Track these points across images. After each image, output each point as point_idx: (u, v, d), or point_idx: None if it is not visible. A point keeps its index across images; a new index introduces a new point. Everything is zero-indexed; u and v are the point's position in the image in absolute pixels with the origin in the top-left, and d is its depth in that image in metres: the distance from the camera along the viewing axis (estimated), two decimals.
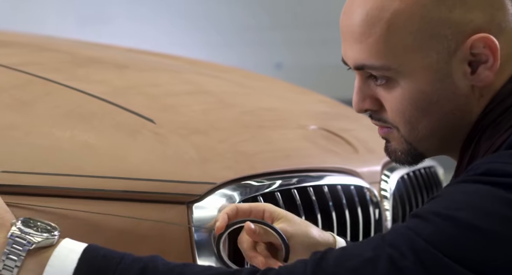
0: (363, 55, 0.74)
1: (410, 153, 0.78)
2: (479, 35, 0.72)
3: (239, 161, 0.96)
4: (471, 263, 0.65)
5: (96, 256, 0.68)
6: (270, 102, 1.24)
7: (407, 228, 0.69)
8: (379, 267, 0.67)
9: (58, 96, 1.01)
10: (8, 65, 1.07)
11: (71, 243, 0.69)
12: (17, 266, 0.66)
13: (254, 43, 3.85)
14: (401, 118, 0.76)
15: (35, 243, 0.66)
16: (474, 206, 0.67)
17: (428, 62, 0.73)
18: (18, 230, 0.67)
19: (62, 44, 1.39)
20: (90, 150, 0.89)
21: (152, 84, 1.14)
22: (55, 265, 0.67)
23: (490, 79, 0.73)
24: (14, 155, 0.84)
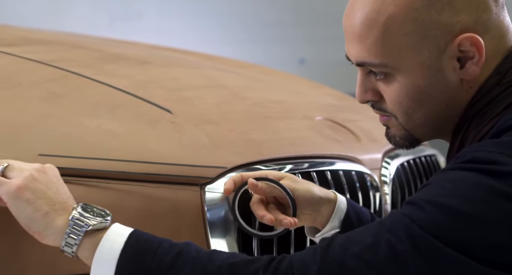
0: (363, 54, 0.80)
1: (407, 138, 0.84)
2: (465, 35, 0.77)
3: (248, 147, 1.00)
4: (459, 245, 0.70)
5: (139, 240, 0.74)
6: (280, 95, 1.28)
7: (403, 214, 0.73)
8: (379, 251, 0.71)
9: (87, 89, 1.06)
10: (44, 62, 1.12)
11: (120, 228, 0.76)
12: (76, 244, 0.74)
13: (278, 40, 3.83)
14: (398, 108, 0.82)
15: (91, 225, 0.74)
16: (460, 193, 0.71)
17: (421, 59, 0.78)
18: (78, 214, 0.75)
19: (92, 42, 1.43)
20: (114, 137, 0.93)
21: (171, 78, 1.18)
22: (105, 246, 0.74)
23: (476, 73, 0.79)
24: (48, 141, 0.88)
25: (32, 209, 0.75)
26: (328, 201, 0.90)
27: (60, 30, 2.23)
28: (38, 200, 0.75)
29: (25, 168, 0.77)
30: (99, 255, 0.73)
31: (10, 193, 0.75)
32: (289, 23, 3.83)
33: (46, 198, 0.76)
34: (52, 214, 0.75)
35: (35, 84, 1.03)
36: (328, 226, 0.90)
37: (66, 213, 0.75)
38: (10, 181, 0.76)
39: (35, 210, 0.75)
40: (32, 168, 0.77)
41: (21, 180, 0.75)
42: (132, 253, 0.73)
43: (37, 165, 0.79)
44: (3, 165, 0.77)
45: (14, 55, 1.12)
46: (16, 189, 0.75)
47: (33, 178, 0.76)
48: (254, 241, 0.94)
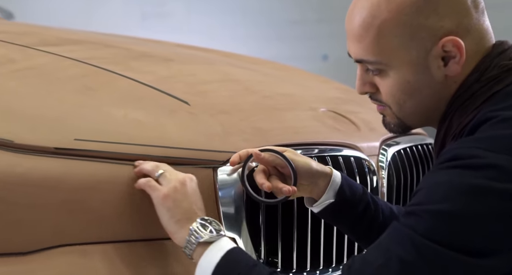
0: (361, 52, 0.89)
1: (400, 125, 0.93)
2: (448, 38, 0.85)
3: (256, 135, 1.08)
4: (459, 245, 0.76)
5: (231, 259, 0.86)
6: (288, 89, 1.36)
7: (405, 227, 0.79)
8: (392, 268, 0.77)
9: (115, 83, 1.12)
10: (79, 59, 1.19)
11: (223, 244, 0.87)
12: (191, 250, 0.88)
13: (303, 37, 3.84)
14: (392, 100, 0.91)
15: (202, 238, 0.87)
16: (450, 196, 0.77)
17: (410, 58, 0.87)
18: (196, 227, 0.88)
19: (121, 42, 1.50)
20: (139, 124, 1.00)
21: (190, 74, 1.25)
22: (208, 256, 0.87)
23: (458, 71, 0.87)
24: (83, 127, 0.95)
25: (169, 215, 0.89)
26: (324, 174, 0.99)
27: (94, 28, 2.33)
28: (175, 209, 0.89)
29: (172, 179, 0.91)
30: (201, 263, 0.87)
31: (158, 199, 0.90)
32: (313, 20, 3.86)
33: (181, 207, 0.90)
34: (182, 222, 0.89)
35: (72, 79, 1.10)
36: (324, 197, 0.99)
37: (190, 223, 0.89)
38: (160, 188, 0.90)
39: (171, 217, 0.89)
40: (177, 180, 0.91)
41: (167, 190, 0.90)
42: (223, 268, 0.85)
43: (181, 177, 0.92)
44: (159, 172, 0.91)
45: (55, 54, 1.19)
46: (162, 197, 0.90)
47: (175, 189, 0.90)
48: (261, 210, 1.02)
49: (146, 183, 0.92)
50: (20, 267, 0.85)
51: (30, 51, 1.18)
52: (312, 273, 1.09)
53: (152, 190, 0.91)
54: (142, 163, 0.94)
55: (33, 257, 0.86)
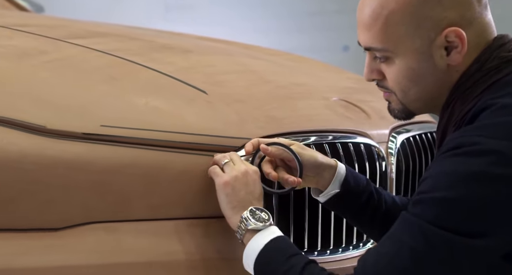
0: (370, 40, 0.94)
1: (404, 111, 0.98)
2: (451, 28, 0.89)
3: (269, 122, 1.11)
4: (465, 229, 0.80)
5: (274, 246, 0.92)
6: (302, 79, 1.38)
7: (414, 216, 0.83)
8: (404, 257, 0.81)
9: (138, 73, 1.16)
10: (105, 51, 1.23)
11: (269, 232, 0.93)
12: (241, 235, 0.95)
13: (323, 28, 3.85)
14: (397, 86, 0.95)
15: (250, 226, 0.94)
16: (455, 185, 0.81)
17: (415, 46, 0.91)
18: (246, 216, 0.95)
19: (144, 34, 1.54)
20: (159, 112, 1.04)
21: (208, 65, 1.29)
22: (252, 244, 0.93)
23: (460, 60, 0.91)
24: (108, 114, 1.00)
25: (227, 201, 0.97)
26: (329, 166, 1.04)
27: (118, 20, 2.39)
28: (233, 196, 0.96)
29: (235, 168, 0.98)
30: (248, 248, 0.94)
31: (219, 185, 0.98)
32: (333, 11, 3.86)
33: (238, 196, 0.96)
34: (236, 209, 0.96)
35: (98, 69, 1.15)
36: (330, 188, 1.04)
37: (243, 211, 0.95)
38: (223, 175, 0.98)
39: (228, 203, 0.96)
40: (239, 169, 0.98)
41: (228, 177, 0.97)
42: (265, 255, 0.92)
43: (244, 168, 0.98)
44: (224, 161, 0.99)
45: (83, 46, 1.24)
46: (223, 183, 0.97)
47: (236, 178, 0.97)
48: (273, 199, 1.06)
49: (212, 169, 0.99)
50: (53, 242, 0.92)
51: (60, 43, 1.24)
52: (323, 252, 1.14)
53: (215, 175, 0.98)
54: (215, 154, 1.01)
55: (64, 233, 0.93)
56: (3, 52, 1.13)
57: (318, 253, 1.13)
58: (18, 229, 0.91)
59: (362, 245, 1.19)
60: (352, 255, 1.16)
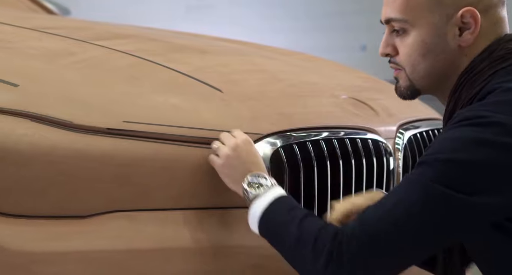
0: (392, 11, 1.00)
1: (410, 87, 1.02)
2: (468, 8, 0.96)
3: (280, 119, 1.15)
4: (465, 188, 0.85)
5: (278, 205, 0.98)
6: (313, 78, 1.41)
7: (416, 174, 0.88)
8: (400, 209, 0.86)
9: (157, 73, 1.21)
10: (126, 51, 1.28)
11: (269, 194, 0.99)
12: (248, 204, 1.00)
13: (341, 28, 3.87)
14: (407, 59, 1.00)
15: (252, 194, 1.00)
16: (458, 148, 0.87)
17: (433, 20, 0.97)
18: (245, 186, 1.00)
19: (163, 35, 1.59)
20: (177, 109, 1.09)
21: (223, 64, 1.34)
22: (255, 207, 0.99)
23: (470, 41, 0.97)
24: (129, 111, 1.05)
25: (230, 180, 1.04)
26: None
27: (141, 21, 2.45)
28: (232, 173, 1.03)
29: (224, 148, 1.03)
30: (252, 211, 0.99)
31: (218, 169, 1.04)
32: (351, 11, 3.88)
33: (237, 171, 1.03)
34: (238, 182, 1.02)
35: (119, 69, 1.19)
36: None
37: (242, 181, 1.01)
38: (217, 159, 1.04)
39: (231, 181, 1.03)
40: (229, 147, 1.03)
41: (222, 160, 1.03)
42: (268, 213, 0.97)
43: (233, 143, 1.03)
44: (214, 147, 1.04)
45: (106, 47, 1.29)
46: (220, 166, 1.04)
47: (228, 156, 1.03)
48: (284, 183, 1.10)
49: (210, 159, 1.05)
50: (79, 228, 0.99)
51: (86, 45, 1.30)
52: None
53: (212, 163, 1.05)
54: None
55: (89, 220, 0.99)
56: (35, 53, 1.20)
57: None
58: (48, 216, 0.98)
59: None
60: None
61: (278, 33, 4.03)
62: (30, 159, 0.96)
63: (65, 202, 0.99)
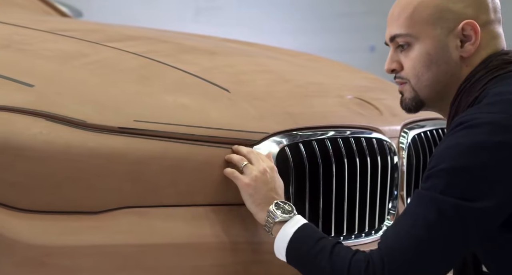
0: (397, 28, 1.05)
1: (415, 99, 1.07)
2: (469, 21, 1.01)
3: (286, 119, 1.17)
4: (470, 194, 0.90)
5: (303, 234, 1.00)
6: (319, 78, 1.44)
7: (425, 190, 0.93)
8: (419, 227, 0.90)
9: (167, 73, 1.24)
10: (137, 53, 1.31)
11: (296, 221, 1.01)
12: (270, 227, 1.03)
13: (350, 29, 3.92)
14: (412, 72, 1.05)
15: (278, 218, 1.03)
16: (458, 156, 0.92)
17: (435, 33, 1.03)
18: (272, 209, 1.03)
19: (172, 37, 1.61)
20: (186, 109, 1.11)
21: (231, 65, 1.37)
22: (282, 233, 1.02)
23: (471, 52, 1.02)
24: (140, 110, 1.07)
25: (251, 200, 1.05)
26: None
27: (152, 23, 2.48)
28: (255, 195, 1.05)
29: (253, 169, 1.06)
30: (278, 238, 1.02)
31: (241, 187, 1.06)
32: (359, 12, 3.90)
33: (260, 194, 1.05)
34: (261, 205, 1.04)
35: (131, 70, 1.22)
36: None
37: (268, 206, 1.04)
38: (243, 177, 1.06)
39: (253, 202, 1.05)
40: (258, 170, 1.06)
41: (249, 179, 1.05)
42: (295, 242, 1.00)
43: (262, 167, 1.06)
44: (243, 164, 1.06)
45: (118, 48, 1.32)
46: (245, 185, 1.05)
47: (256, 178, 1.05)
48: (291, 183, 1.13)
49: (231, 173, 1.07)
50: (92, 223, 1.02)
51: (98, 46, 1.33)
52: (336, 238, 1.19)
53: (236, 179, 1.07)
54: (237, 148, 1.08)
55: (101, 216, 1.02)
56: (50, 55, 1.23)
57: None
58: (63, 211, 1.01)
59: (374, 232, 1.25)
60: (365, 242, 1.22)
61: (287, 35, 4.05)
62: (45, 156, 0.99)
63: (78, 198, 1.02)
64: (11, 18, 1.55)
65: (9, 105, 1.01)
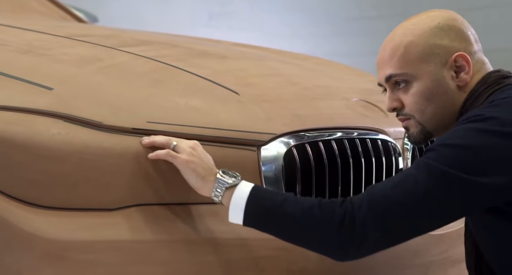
0: (390, 69, 1.10)
1: (422, 131, 1.12)
2: (460, 53, 1.07)
3: (294, 120, 1.21)
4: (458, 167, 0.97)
5: (260, 189, 1.04)
6: (326, 81, 1.47)
7: (423, 158, 1.00)
8: (408, 183, 0.97)
9: (179, 77, 1.27)
10: (151, 57, 1.34)
11: (246, 183, 1.04)
12: (220, 195, 1.04)
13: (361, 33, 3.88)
14: (415, 107, 1.10)
15: (229, 184, 1.04)
16: (459, 136, 1.00)
17: (429, 69, 1.08)
18: (220, 176, 1.05)
19: (184, 42, 1.65)
20: (197, 111, 1.15)
21: (240, 69, 1.40)
22: (237, 194, 1.03)
23: (467, 81, 1.08)
24: (153, 112, 1.11)
25: (195, 174, 1.05)
26: None
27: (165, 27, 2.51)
28: (198, 168, 1.05)
29: (185, 147, 1.05)
30: (234, 200, 1.04)
31: (182, 165, 1.05)
32: (371, 17, 3.90)
33: (202, 167, 1.05)
34: (206, 177, 1.05)
35: (144, 74, 1.26)
36: None
37: (213, 175, 1.05)
38: (180, 155, 1.05)
39: (197, 175, 1.05)
40: (188, 146, 1.06)
41: (186, 156, 1.05)
42: (254, 197, 1.03)
43: (191, 143, 1.06)
44: (173, 144, 1.05)
45: (132, 53, 1.36)
46: (185, 161, 1.05)
47: (192, 154, 1.06)
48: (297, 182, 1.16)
49: (167, 153, 1.05)
50: (107, 220, 1.05)
51: (113, 51, 1.37)
52: None
53: (174, 158, 1.05)
54: (152, 137, 1.06)
55: (116, 213, 1.06)
56: (68, 59, 1.28)
57: None
58: (80, 208, 1.04)
59: None
60: None
61: (298, 39, 4.07)
62: (63, 156, 1.03)
63: (95, 195, 1.05)
64: (31, 24, 1.59)
65: (30, 108, 1.05)
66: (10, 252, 0.99)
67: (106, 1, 3.99)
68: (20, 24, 1.52)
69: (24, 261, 1.00)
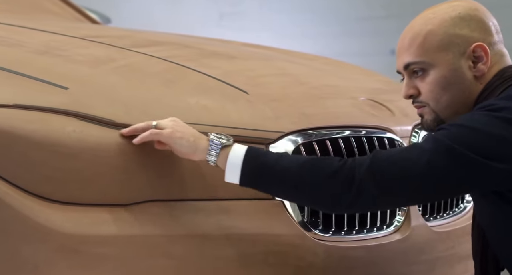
0: (409, 57, 1.11)
1: (436, 119, 1.13)
2: (478, 43, 1.08)
3: (302, 119, 1.22)
4: (467, 146, 0.99)
5: (254, 149, 1.06)
6: (333, 81, 1.48)
7: (435, 134, 1.03)
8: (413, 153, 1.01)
9: (190, 77, 1.29)
10: (162, 57, 1.36)
11: (240, 145, 1.06)
12: (215, 155, 1.05)
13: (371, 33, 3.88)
14: (430, 95, 1.11)
15: (223, 143, 1.05)
16: (470, 119, 1.03)
17: (448, 58, 1.09)
18: (213, 137, 1.05)
19: (195, 42, 1.67)
20: (207, 110, 1.17)
21: (250, 69, 1.42)
22: (234, 153, 1.04)
23: (484, 71, 1.09)
24: (165, 111, 1.12)
25: (184, 141, 1.05)
26: None
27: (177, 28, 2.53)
28: (185, 136, 1.05)
29: (166, 122, 1.07)
30: (230, 160, 1.05)
31: (168, 137, 1.06)
32: (381, 16, 3.90)
33: (188, 133, 1.06)
34: (197, 141, 1.06)
35: (157, 74, 1.28)
36: None
37: (204, 138, 1.06)
38: (162, 130, 1.06)
39: (187, 141, 1.05)
40: (169, 121, 1.07)
41: (170, 128, 1.06)
42: (250, 156, 1.04)
43: (170, 118, 1.07)
44: (153, 123, 1.07)
45: (144, 53, 1.38)
46: (170, 133, 1.05)
47: (175, 125, 1.06)
48: None
49: (150, 133, 1.05)
50: (122, 215, 1.08)
51: (126, 51, 1.39)
52: (348, 232, 1.24)
53: (158, 134, 1.06)
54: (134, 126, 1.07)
55: (131, 208, 1.08)
56: (82, 60, 1.31)
57: (344, 233, 1.23)
58: (96, 204, 1.07)
59: (386, 227, 1.28)
60: (377, 236, 1.26)
61: (308, 39, 4.07)
62: (78, 153, 1.06)
63: (108, 191, 1.08)
64: (47, 25, 1.62)
65: (47, 106, 1.09)
66: (27, 244, 1.02)
67: (118, 2, 4.02)
68: (36, 25, 1.55)
69: (40, 253, 1.03)
